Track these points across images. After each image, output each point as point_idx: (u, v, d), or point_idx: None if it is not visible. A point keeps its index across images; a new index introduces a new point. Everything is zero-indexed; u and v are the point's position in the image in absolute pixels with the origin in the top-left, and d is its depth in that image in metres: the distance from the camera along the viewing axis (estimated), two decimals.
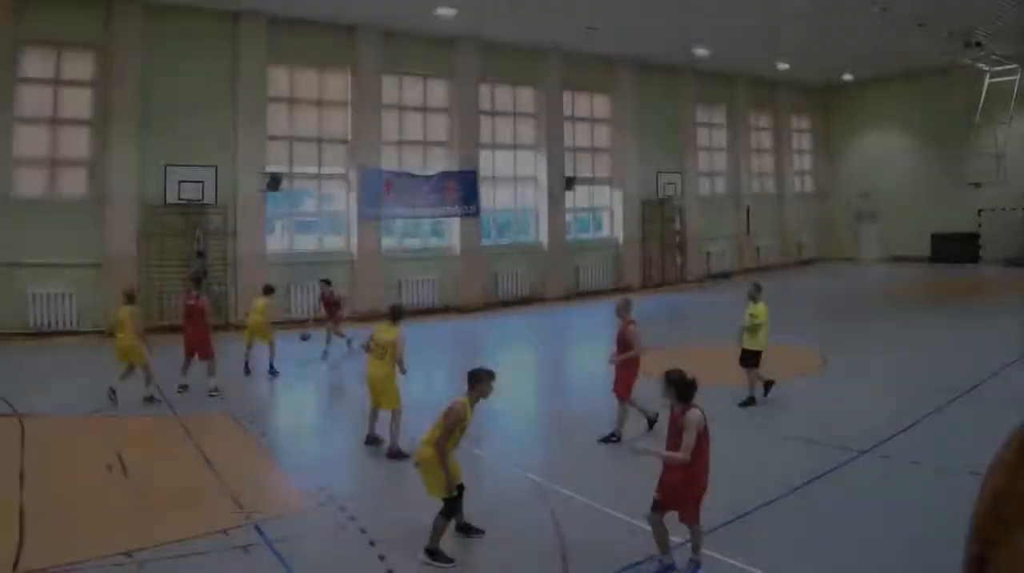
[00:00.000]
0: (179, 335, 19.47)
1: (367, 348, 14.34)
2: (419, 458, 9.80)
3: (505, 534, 10.41)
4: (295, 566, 9.43)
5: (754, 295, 16.84)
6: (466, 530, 10.20)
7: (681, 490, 8.85)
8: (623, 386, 14.41)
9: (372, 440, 14.21)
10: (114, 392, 16.94)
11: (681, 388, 8.95)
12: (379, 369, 13.80)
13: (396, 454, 13.41)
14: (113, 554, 9.48)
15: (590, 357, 23.78)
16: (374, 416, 14.25)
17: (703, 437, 8.83)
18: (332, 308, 23.18)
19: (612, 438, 14.25)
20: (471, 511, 10.51)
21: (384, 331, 14.04)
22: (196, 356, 18.53)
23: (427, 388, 19.54)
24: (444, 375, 21.85)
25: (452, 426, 9.68)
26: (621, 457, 13.22)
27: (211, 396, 17.96)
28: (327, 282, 23.59)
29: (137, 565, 9.28)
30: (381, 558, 9.59)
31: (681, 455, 8.66)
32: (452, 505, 9.69)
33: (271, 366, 20.52)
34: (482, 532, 10.19)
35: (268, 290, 21.59)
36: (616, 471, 13.02)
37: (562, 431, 15.62)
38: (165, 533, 10.11)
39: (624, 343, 14.39)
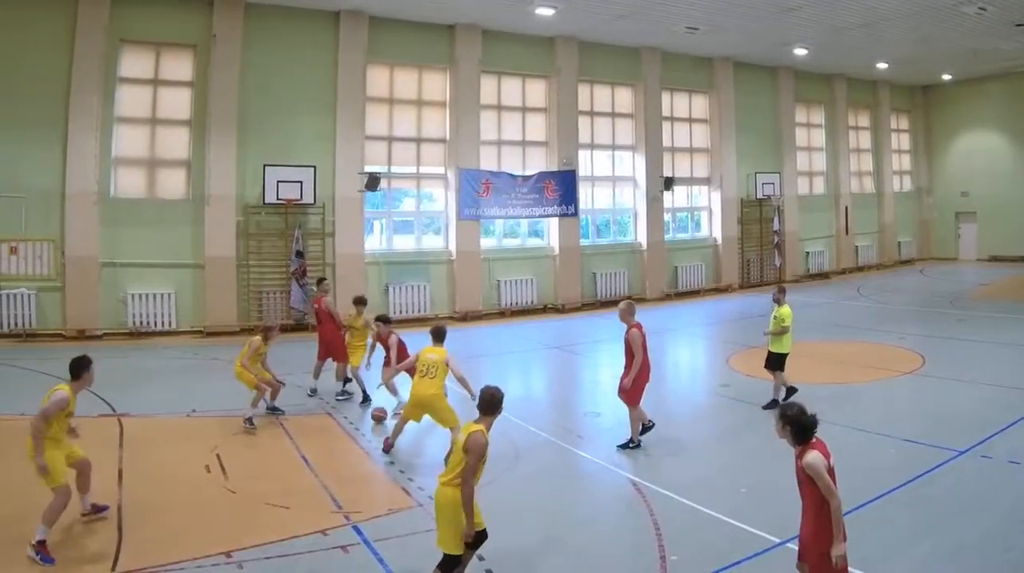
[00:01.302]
0: (280, 335, 18.81)
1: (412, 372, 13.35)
2: (441, 501, 8.04)
3: (604, 534, 10.00)
4: (394, 566, 8.97)
5: (778, 298, 15.98)
6: None
7: (811, 543, 6.91)
8: (633, 394, 13.40)
9: (389, 448, 13.21)
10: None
11: (798, 428, 6.96)
12: (428, 388, 12.73)
13: (387, 448, 13.18)
14: (212, 554, 9.06)
15: (688, 357, 23.24)
16: (401, 429, 13.28)
17: (833, 476, 6.88)
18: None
19: (631, 445, 13.34)
20: (570, 513, 10.49)
21: (431, 351, 13.03)
22: (331, 358, 17.42)
23: (525, 389, 18.73)
24: (541, 376, 20.58)
25: (477, 462, 7.96)
26: (721, 456, 13.04)
27: (338, 399, 16.89)
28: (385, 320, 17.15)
29: (236, 565, 8.86)
30: (480, 558, 8.77)
31: (835, 503, 6.70)
32: (453, 563, 7.99)
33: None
34: None
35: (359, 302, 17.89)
36: (715, 471, 12.30)
37: (659, 431, 14.20)
38: (264, 533, 9.71)
39: (629, 348, 13.48)
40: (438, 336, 13.27)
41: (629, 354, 13.43)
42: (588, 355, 18.55)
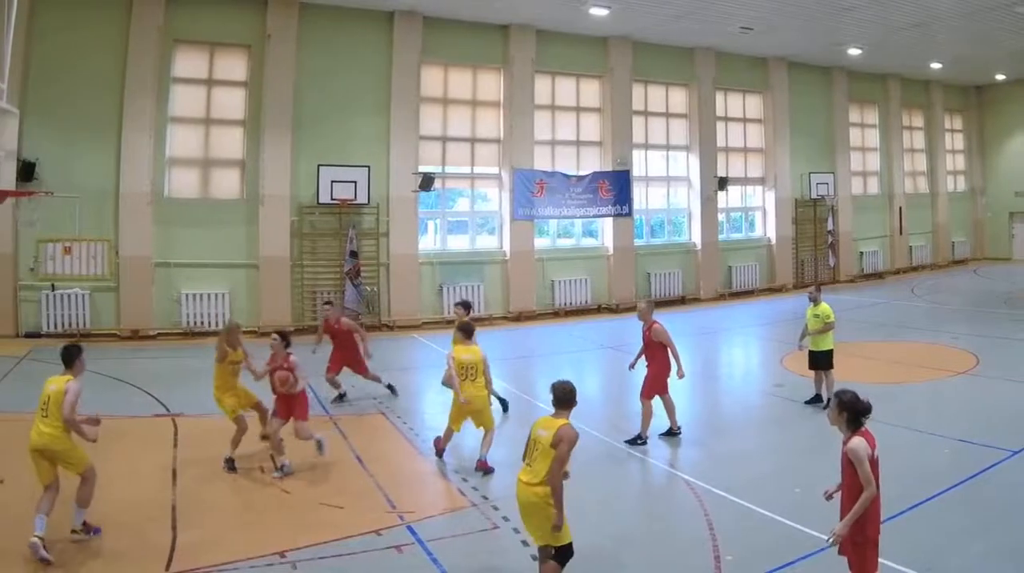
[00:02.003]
0: None
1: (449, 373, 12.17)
2: (532, 501, 7.51)
3: (658, 534, 9.68)
4: (448, 566, 8.60)
5: (815, 297, 15.26)
6: None
7: (856, 533, 6.78)
8: (652, 387, 13.15)
9: (441, 451, 12.36)
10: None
11: (854, 414, 6.93)
12: (478, 390, 11.93)
13: (487, 467, 11.68)
14: (266, 554, 8.76)
15: (742, 356, 22.67)
16: (450, 436, 12.34)
17: (875, 467, 6.84)
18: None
19: (639, 441, 12.91)
20: (624, 513, 10.23)
21: (465, 351, 12.09)
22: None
23: (578, 389, 17.20)
24: (594, 376, 19.55)
25: (569, 452, 7.51)
26: (775, 456, 12.62)
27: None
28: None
29: (290, 565, 8.57)
30: (534, 559, 8.30)
31: (869, 492, 6.68)
32: (568, 552, 7.55)
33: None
34: None
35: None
36: (770, 471, 11.81)
37: (714, 431, 14.11)
38: (318, 533, 9.37)
39: (653, 344, 13.18)
40: (469, 333, 12.38)
41: (655, 350, 13.16)
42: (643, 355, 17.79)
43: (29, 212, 19.60)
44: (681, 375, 13.19)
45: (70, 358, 9.40)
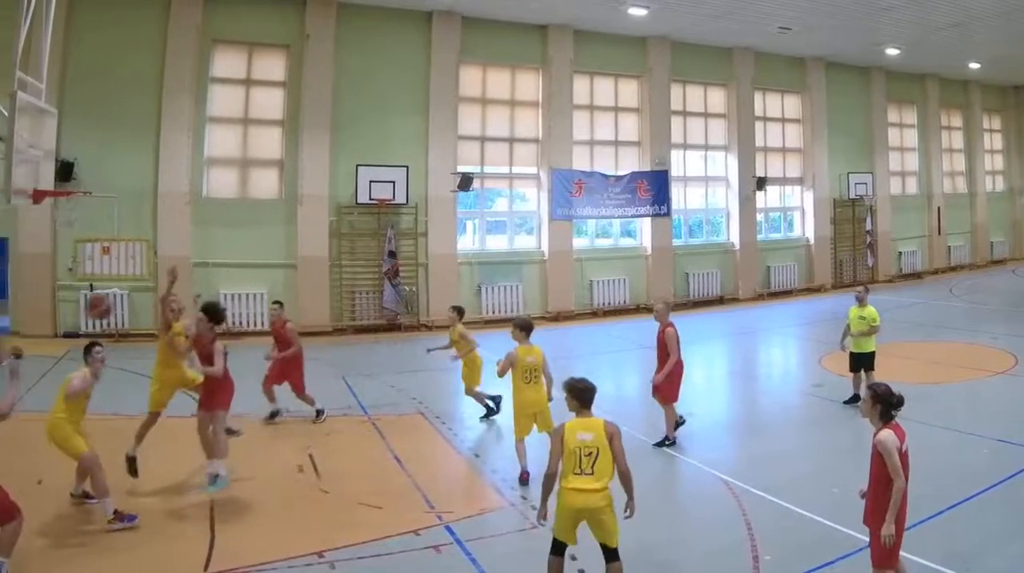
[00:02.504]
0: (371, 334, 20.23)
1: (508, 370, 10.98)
2: (595, 505, 7.03)
3: (697, 534, 9.32)
4: (487, 566, 8.23)
5: (863, 298, 14.47)
6: None
7: (871, 520, 6.88)
8: (669, 393, 12.46)
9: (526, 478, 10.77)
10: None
11: (887, 406, 6.87)
12: (539, 393, 10.92)
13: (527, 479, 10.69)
14: (305, 554, 8.42)
15: (781, 356, 21.96)
16: (524, 452, 10.97)
17: (905, 460, 6.74)
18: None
19: (667, 443, 12.36)
20: (663, 512, 9.70)
21: (528, 353, 10.97)
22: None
23: (617, 388, 17.38)
24: (632, 376, 18.47)
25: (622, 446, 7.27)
26: (813, 456, 12.18)
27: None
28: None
29: (328, 565, 8.23)
30: (573, 558, 7.74)
31: (899, 484, 6.60)
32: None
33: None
34: None
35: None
36: (808, 471, 11.36)
37: (753, 430, 13.78)
38: (357, 533, 9.00)
39: (663, 346, 12.43)
40: (529, 331, 11.26)
41: (663, 352, 12.44)
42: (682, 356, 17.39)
43: (67, 212, 18.72)
44: (660, 379, 12.33)
45: (85, 354, 9.43)
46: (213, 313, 10.48)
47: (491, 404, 14.08)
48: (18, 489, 8.04)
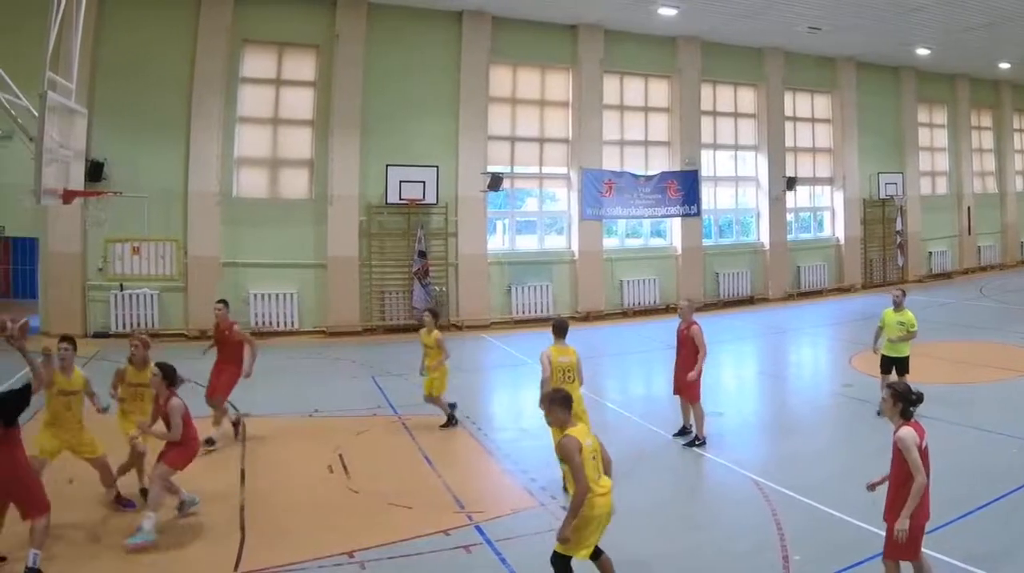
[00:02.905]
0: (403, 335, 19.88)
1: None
2: (612, 509, 7.03)
3: (727, 534, 8.95)
4: (517, 567, 8.03)
5: (900, 301, 13.50)
6: None
7: (889, 515, 6.85)
8: (694, 391, 12.12)
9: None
10: None
11: (907, 404, 6.89)
12: (575, 392, 9.93)
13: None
14: (335, 554, 8.21)
15: (811, 356, 21.32)
16: None
17: (925, 457, 6.70)
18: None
19: (697, 442, 12.03)
20: (693, 512, 9.84)
21: (561, 353, 10.53)
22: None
23: (647, 389, 17.58)
24: (662, 376, 17.22)
25: None
26: (843, 456, 11.71)
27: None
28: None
29: (359, 565, 8.02)
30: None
31: (919, 481, 6.57)
32: None
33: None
34: None
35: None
36: (838, 471, 10.90)
37: (783, 430, 13.48)
38: (386, 533, 8.79)
39: (689, 343, 12.11)
40: (563, 332, 10.79)
41: (690, 350, 12.08)
42: (710, 356, 16.78)
43: (97, 212, 17.99)
44: (696, 377, 12.01)
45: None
46: (168, 374, 9.07)
47: (452, 413, 13.28)
48: (49, 488, 8.01)
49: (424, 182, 22.55)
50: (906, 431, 6.73)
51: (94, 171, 18.97)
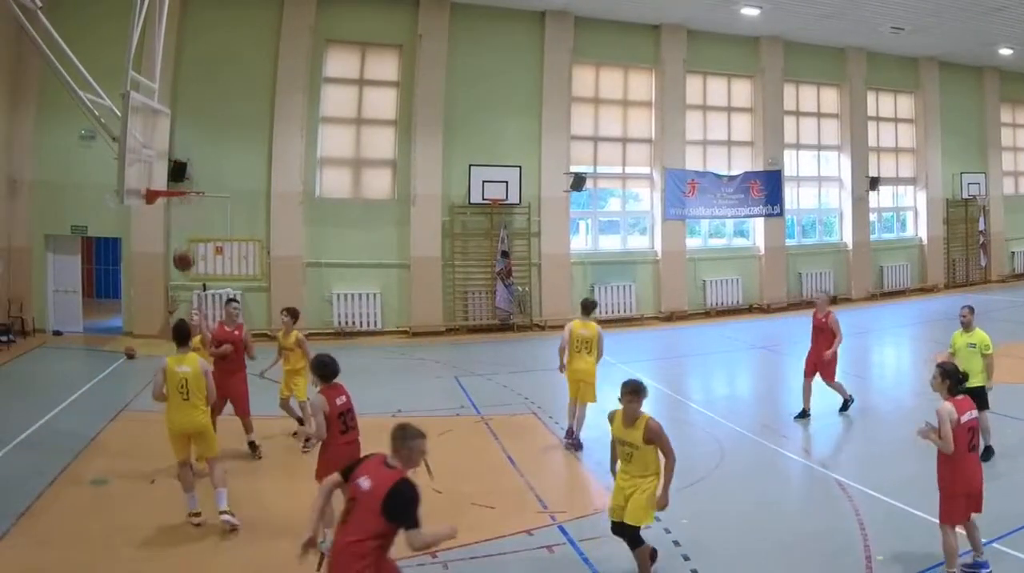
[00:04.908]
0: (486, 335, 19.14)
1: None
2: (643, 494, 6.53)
3: (809, 533, 8.01)
4: (600, 566, 7.24)
5: (968, 320, 10.16)
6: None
7: (940, 486, 6.54)
8: (831, 370, 12.11)
9: (573, 437, 10.70)
10: None
11: (954, 381, 6.65)
12: (586, 363, 10.50)
13: (578, 444, 10.56)
14: (417, 555, 6.62)
15: (894, 356, 19.15)
16: (573, 412, 10.74)
17: (960, 432, 6.34)
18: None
19: (849, 403, 12.16)
20: (775, 511, 8.77)
21: (582, 326, 10.59)
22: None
23: (730, 388, 16.27)
24: (745, 376, 17.10)
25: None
26: (927, 457, 8.86)
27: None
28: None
29: (442, 565, 7.22)
30: (686, 559, 7.21)
31: (945, 450, 6.49)
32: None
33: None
34: None
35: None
36: (921, 471, 8.69)
37: (866, 430, 12.09)
38: (470, 533, 7.54)
39: (826, 330, 11.97)
40: (588, 309, 10.93)
41: (827, 336, 12.02)
42: (792, 355, 15.11)
43: (181, 212, 16.54)
44: (830, 356, 12.00)
45: (184, 336, 8.28)
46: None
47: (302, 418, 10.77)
48: (127, 491, 7.88)
49: (507, 182, 19.68)
50: (944, 404, 6.59)
51: (177, 171, 16.55)
